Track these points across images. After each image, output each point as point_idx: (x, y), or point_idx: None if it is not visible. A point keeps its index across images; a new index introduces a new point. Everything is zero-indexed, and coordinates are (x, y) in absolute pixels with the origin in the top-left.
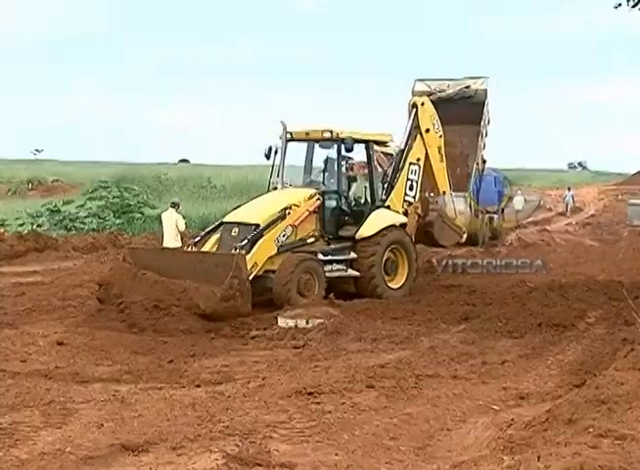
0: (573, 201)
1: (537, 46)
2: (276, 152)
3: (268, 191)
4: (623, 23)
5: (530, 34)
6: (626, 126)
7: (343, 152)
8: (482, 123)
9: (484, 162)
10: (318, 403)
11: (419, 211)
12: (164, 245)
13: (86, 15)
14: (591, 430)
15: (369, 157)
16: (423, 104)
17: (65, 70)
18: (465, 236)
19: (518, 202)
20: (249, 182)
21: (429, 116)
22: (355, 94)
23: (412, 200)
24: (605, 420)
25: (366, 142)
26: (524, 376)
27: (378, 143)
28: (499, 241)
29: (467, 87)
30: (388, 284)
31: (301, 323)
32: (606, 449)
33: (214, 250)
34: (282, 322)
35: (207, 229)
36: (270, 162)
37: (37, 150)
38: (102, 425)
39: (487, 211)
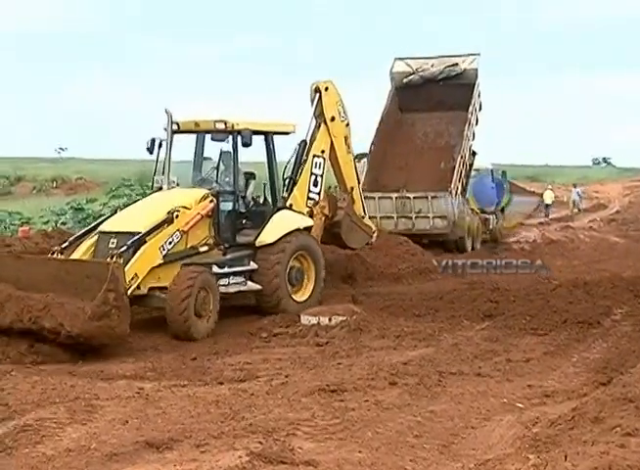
0: (581, 198)
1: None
2: (160, 145)
3: (152, 191)
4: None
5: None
6: None
7: (240, 146)
8: (471, 109)
9: (474, 154)
10: (341, 401)
11: (326, 210)
12: None
13: (94, 12)
14: (618, 429)
15: (269, 150)
16: (327, 88)
17: (86, 67)
18: (375, 236)
19: (548, 196)
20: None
21: (334, 102)
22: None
23: (317, 197)
24: (632, 419)
25: (265, 134)
26: (548, 374)
27: (279, 134)
28: (498, 244)
29: (454, 65)
30: (293, 296)
31: (324, 321)
32: (634, 448)
33: (87, 258)
34: (304, 320)
35: (78, 233)
36: (154, 157)
37: (61, 148)
38: (126, 422)
39: (483, 211)
